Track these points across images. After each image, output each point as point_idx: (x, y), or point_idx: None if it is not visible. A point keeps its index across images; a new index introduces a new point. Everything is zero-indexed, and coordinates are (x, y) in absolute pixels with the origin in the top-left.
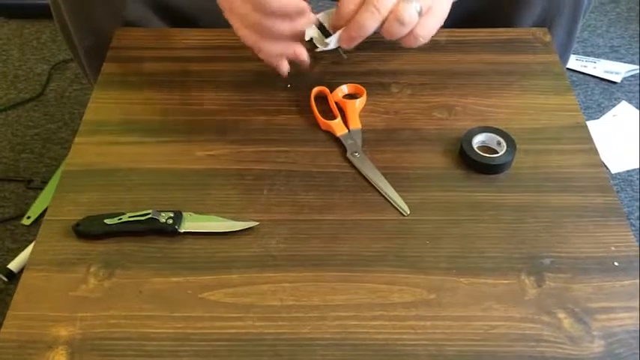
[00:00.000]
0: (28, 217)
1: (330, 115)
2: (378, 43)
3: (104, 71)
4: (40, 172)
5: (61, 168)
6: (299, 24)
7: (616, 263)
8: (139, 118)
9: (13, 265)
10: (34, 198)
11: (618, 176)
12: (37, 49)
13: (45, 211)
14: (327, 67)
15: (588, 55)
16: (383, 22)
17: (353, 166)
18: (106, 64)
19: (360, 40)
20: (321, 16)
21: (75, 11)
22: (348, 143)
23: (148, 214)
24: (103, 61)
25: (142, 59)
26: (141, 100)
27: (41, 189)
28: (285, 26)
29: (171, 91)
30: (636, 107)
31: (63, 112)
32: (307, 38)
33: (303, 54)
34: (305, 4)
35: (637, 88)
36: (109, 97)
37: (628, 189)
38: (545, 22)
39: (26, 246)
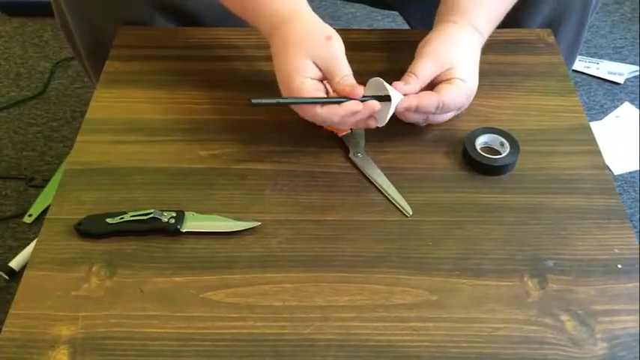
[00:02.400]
0: (30, 215)
1: None
2: (382, 44)
3: (106, 70)
4: (42, 170)
5: (63, 166)
6: (354, 120)
7: (619, 266)
8: (141, 117)
9: (15, 263)
10: (36, 196)
11: (621, 178)
12: (39, 46)
13: (46, 209)
14: None
15: (591, 56)
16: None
17: (355, 167)
18: (108, 63)
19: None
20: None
21: (76, 10)
22: (350, 143)
23: (150, 213)
24: (104, 60)
25: (144, 58)
26: (143, 99)
27: (43, 187)
28: (344, 121)
29: (174, 90)
30: (639, 108)
31: (65, 110)
32: None
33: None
34: (356, 104)
35: None
36: (111, 96)
37: (630, 190)
38: (553, 22)
39: (27, 244)
